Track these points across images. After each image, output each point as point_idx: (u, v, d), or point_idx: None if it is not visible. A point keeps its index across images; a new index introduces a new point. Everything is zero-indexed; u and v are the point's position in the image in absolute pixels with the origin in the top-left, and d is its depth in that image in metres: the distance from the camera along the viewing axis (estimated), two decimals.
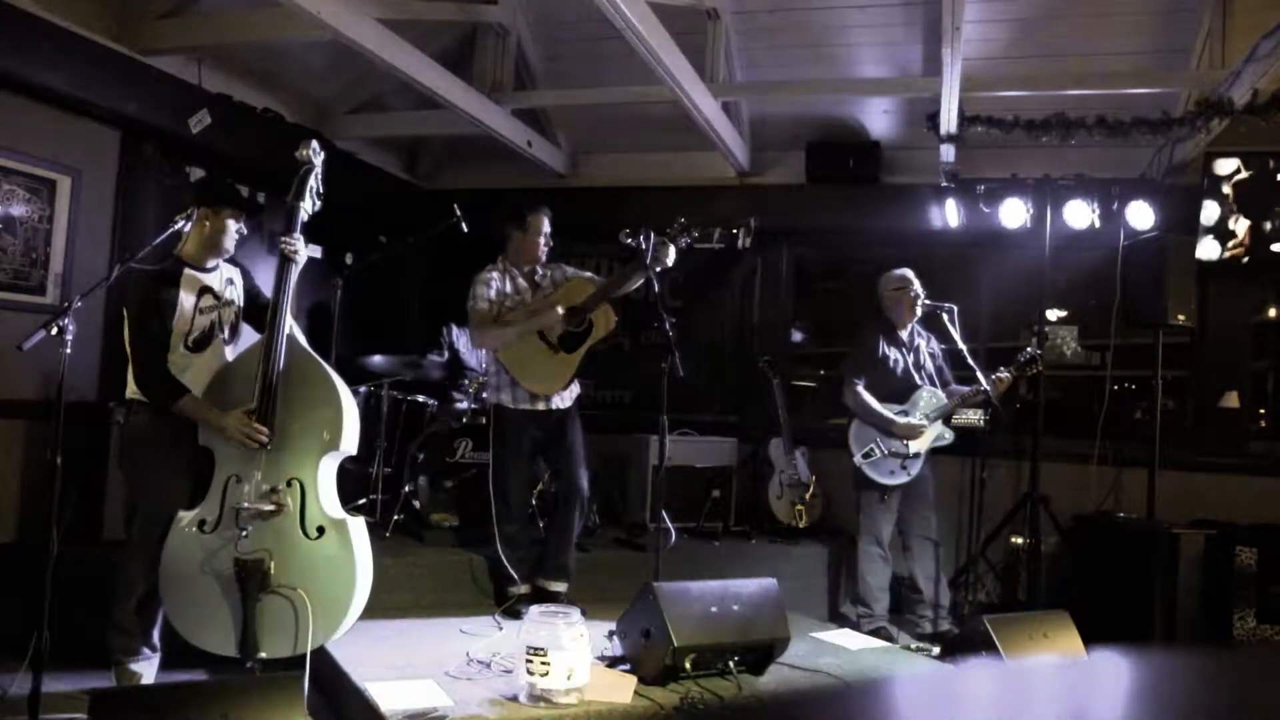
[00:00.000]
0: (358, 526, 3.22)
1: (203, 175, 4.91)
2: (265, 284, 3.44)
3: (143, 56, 4.56)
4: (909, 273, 4.70)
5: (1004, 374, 4.49)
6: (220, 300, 3.34)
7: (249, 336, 3.44)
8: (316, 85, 5.69)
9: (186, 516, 3.11)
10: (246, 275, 3.49)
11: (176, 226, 3.20)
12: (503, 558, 4.06)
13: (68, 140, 4.41)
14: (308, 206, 3.32)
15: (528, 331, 4.00)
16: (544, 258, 4.18)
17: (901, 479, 4.52)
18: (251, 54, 5.10)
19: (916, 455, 4.51)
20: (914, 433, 4.48)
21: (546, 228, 4.14)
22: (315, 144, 3.36)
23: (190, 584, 3.07)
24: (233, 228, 3.31)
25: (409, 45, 4.63)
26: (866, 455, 4.53)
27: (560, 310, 3.96)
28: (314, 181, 3.34)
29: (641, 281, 3.90)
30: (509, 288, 4.10)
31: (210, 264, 3.34)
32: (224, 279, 3.38)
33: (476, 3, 5.34)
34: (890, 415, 4.51)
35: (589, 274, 4.30)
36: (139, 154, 4.71)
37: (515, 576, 4.07)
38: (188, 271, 3.26)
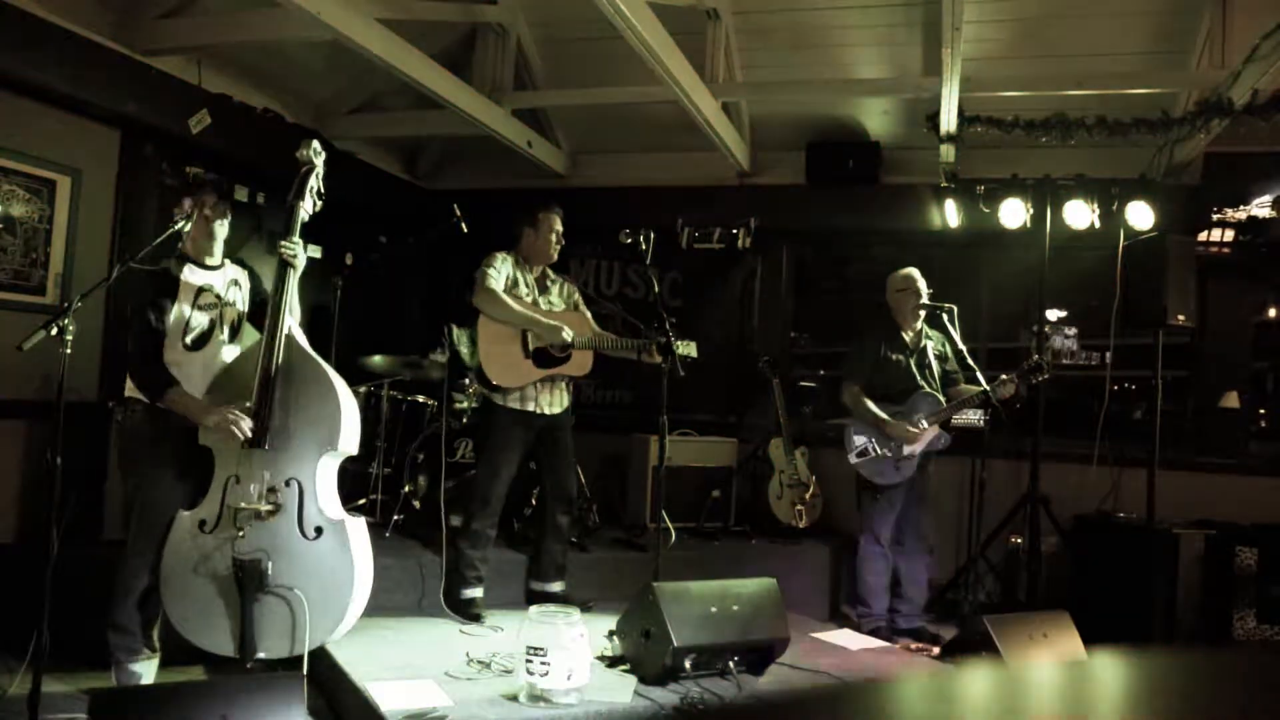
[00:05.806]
0: (357, 528, 3.22)
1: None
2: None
3: (143, 56, 4.56)
4: (914, 272, 4.65)
5: (1007, 380, 4.41)
6: (221, 300, 3.33)
7: (254, 338, 3.43)
8: (316, 85, 5.69)
9: (186, 517, 3.12)
10: (254, 277, 3.48)
11: (177, 226, 3.19)
12: (463, 554, 4.00)
13: (68, 140, 4.41)
14: (308, 207, 3.31)
15: (527, 324, 4.00)
16: (555, 257, 4.20)
17: (895, 480, 4.49)
18: (251, 54, 5.10)
19: (910, 457, 4.50)
20: (906, 434, 4.45)
21: (558, 226, 4.16)
22: (316, 144, 3.35)
23: (190, 584, 3.07)
24: (212, 216, 3.26)
25: (409, 45, 4.62)
26: (860, 455, 4.51)
27: (567, 336, 3.96)
28: (314, 181, 3.33)
29: (633, 356, 3.97)
30: (519, 277, 4.11)
31: (212, 261, 3.33)
32: (228, 279, 3.37)
33: (476, 3, 5.34)
34: (883, 416, 4.48)
35: (594, 322, 4.25)
36: (139, 154, 4.71)
37: (471, 579, 4.01)
38: (189, 268, 3.26)
